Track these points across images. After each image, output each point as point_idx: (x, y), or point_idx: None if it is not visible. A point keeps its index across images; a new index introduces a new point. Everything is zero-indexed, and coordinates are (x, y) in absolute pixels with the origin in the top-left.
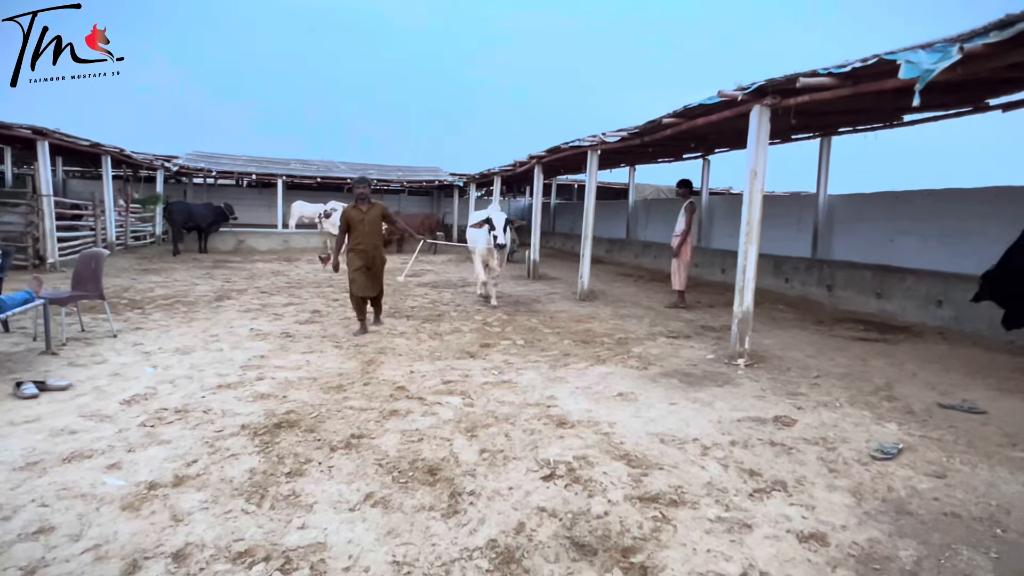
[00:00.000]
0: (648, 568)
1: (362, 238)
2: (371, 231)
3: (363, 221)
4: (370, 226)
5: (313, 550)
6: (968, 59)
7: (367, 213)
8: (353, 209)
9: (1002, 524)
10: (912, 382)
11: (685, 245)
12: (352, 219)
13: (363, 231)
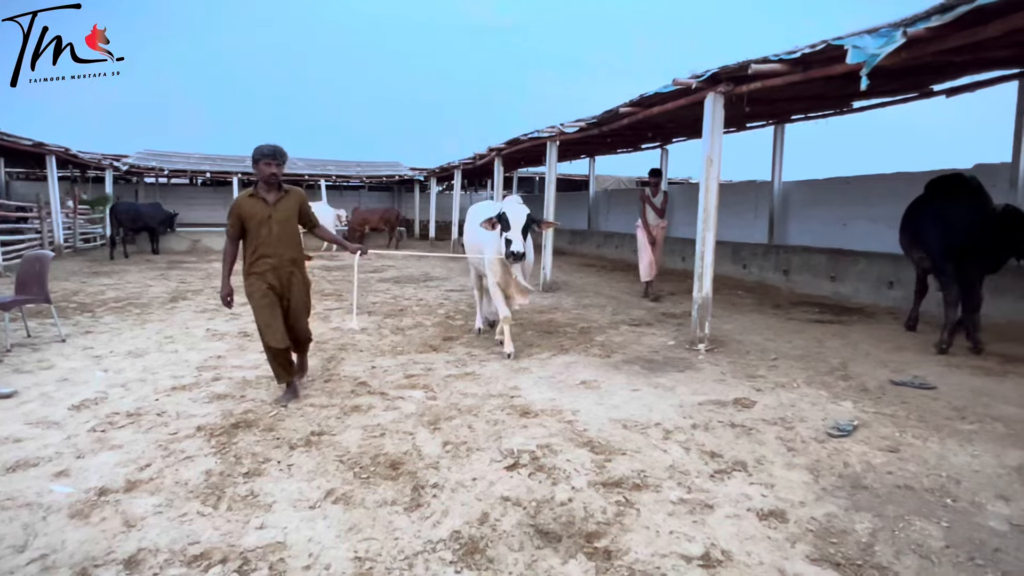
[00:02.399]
0: (612, 552)
1: (268, 247)
2: (283, 234)
3: (269, 220)
4: (281, 227)
5: (272, 550)
6: (912, 43)
7: (276, 206)
8: (251, 200)
9: (952, 494)
10: (866, 361)
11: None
12: (248, 215)
13: (269, 235)
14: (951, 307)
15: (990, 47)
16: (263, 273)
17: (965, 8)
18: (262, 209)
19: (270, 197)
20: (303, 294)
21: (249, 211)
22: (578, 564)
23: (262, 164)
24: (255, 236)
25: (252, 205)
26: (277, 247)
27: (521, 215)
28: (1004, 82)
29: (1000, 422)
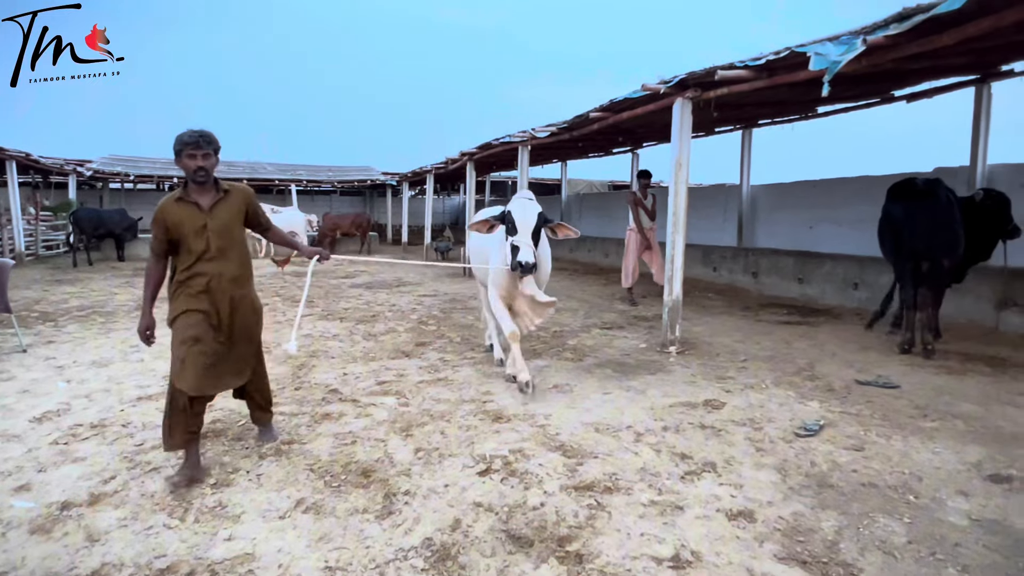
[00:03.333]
0: (583, 555)
1: (204, 264)
2: (224, 247)
3: (204, 230)
4: (221, 237)
5: (241, 561)
6: (871, 51)
7: (212, 212)
8: (178, 205)
9: (914, 491)
10: (832, 361)
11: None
12: (176, 225)
13: (206, 250)
14: (909, 308)
15: (947, 55)
16: (196, 295)
17: (921, 17)
18: (194, 216)
19: (204, 200)
20: (251, 324)
21: (176, 219)
22: (550, 569)
23: (185, 157)
24: (187, 251)
25: (180, 212)
26: (217, 264)
27: (530, 215)
28: (962, 88)
29: (960, 419)
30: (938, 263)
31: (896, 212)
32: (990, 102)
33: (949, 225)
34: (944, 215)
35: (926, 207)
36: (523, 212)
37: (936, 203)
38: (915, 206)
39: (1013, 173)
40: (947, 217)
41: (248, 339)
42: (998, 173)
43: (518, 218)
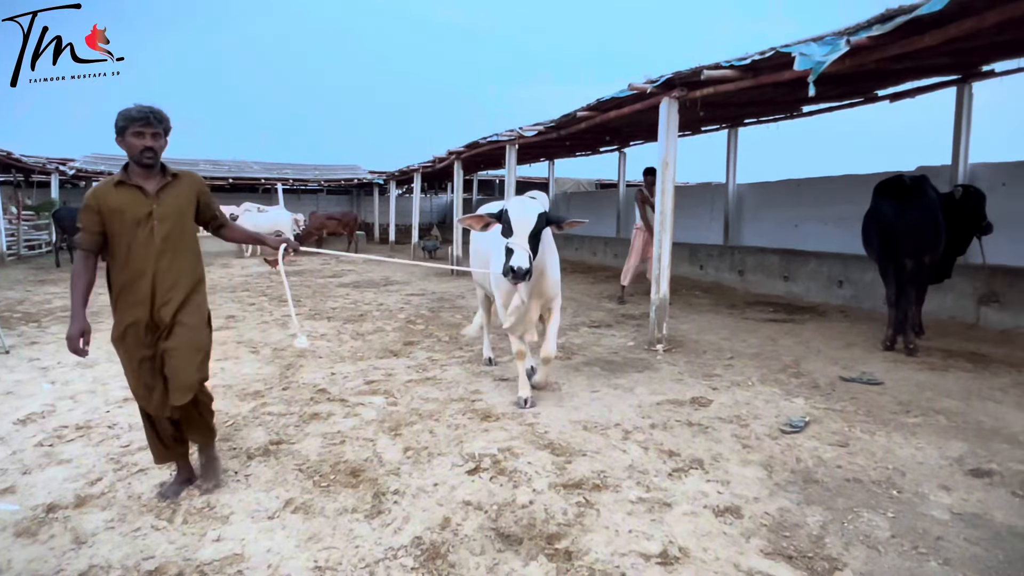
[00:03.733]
0: (572, 553)
1: (147, 262)
2: (172, 241)
3: (149, 219)
4: (169, 229)
5: (230, 562)
6: (855, 51)
7: (160, 197)
8: (118, 190)
9: (897, 485)
10: (817, 358)
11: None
12: (113, 213)
13: (149, 243)
14: (891, 307)
15: (929, 55)
16: (137, 303)
17: (903, 18)
18: (137, 202)
19: (149, 185)
20: (195, 327)
21: (115, 206)
22: (539, 566)
23: (131, 135)
24: (126, 245)
25: (120, 198)
26: (162, 261)
27: (529, 215)
28: (944, 88)
29: (942, 415)
30: (921, 261)
31: (884, 210)
32: (971, 102)
33: (934, 223)
34: (930, 213)
35: (913, 205)
36: (522, 211)
37: (923, 201)
38: (902, 204)
39: (994, 172)
40: (932, 215)
41: (190, 345)
42: (979, 172)
43: (515, 217)
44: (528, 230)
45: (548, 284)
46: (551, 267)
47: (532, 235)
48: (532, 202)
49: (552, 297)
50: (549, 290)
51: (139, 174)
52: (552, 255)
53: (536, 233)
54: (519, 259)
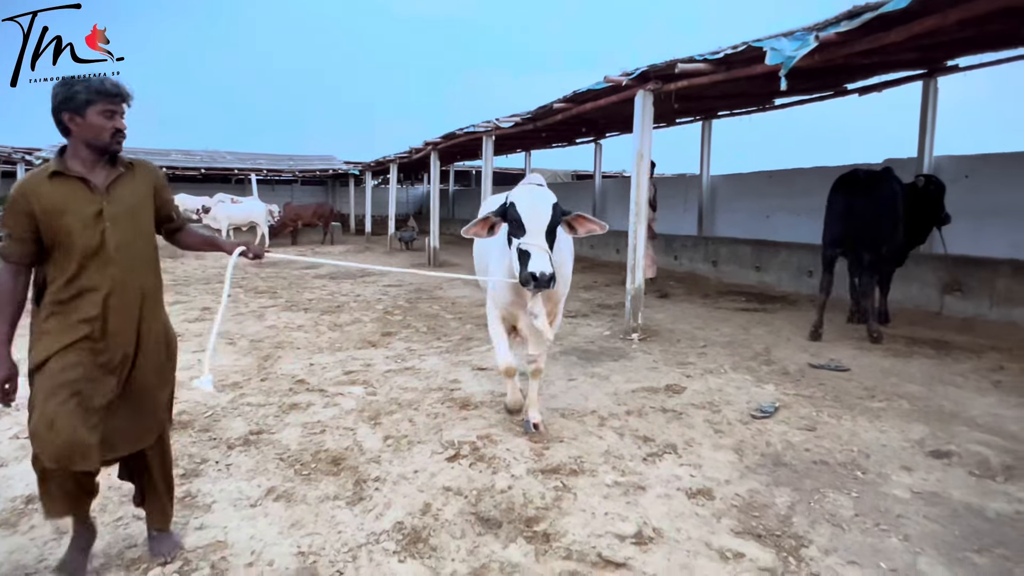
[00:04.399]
0: (550, 535)
1: (98, 272)
2: (128, 245)
3: (99, 219)
4: (124, 231)
5: (213, 549)
6: (823, 47)
7: (111, 193)
8: (56, 184)
9: (862, 467)
10: (787, 346)
11: None
12: (51, 214)
13: (100, 249)
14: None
15: (896, 51)
16: (80, 323)
17: (870, 15)
18: (82, 199)
19: (96, 177)
20: (162, 365)
21: (52, 205)
22: (518, 548)
23: (97, 114)
24: (68, 253)
25: (58, 193)
26: (117, 270)
27: (542, 207)
28: (910, 82)
29: (905, 399)
30: (877, 252)
31: (837, 203)
32: (936, 96)
33: (888, 215)
34: (885, 206)
35: (868, 198)
36: (532, 203)
37: (877, 194)
38: (858, 197)
39: (957, 164)
40: (886, 208)
41: (158, 385)
42: (943, 164)
43: (526, 212)
44: (544, 225)
45: (560, 290)
46: (565, 268)
47: (549, 231)
48: (541, 190)
49: (559, 301)
50: (558, 294)
51: (84, 163)
52: (567, 251)
53: (553, 227)
54: (539, 262)
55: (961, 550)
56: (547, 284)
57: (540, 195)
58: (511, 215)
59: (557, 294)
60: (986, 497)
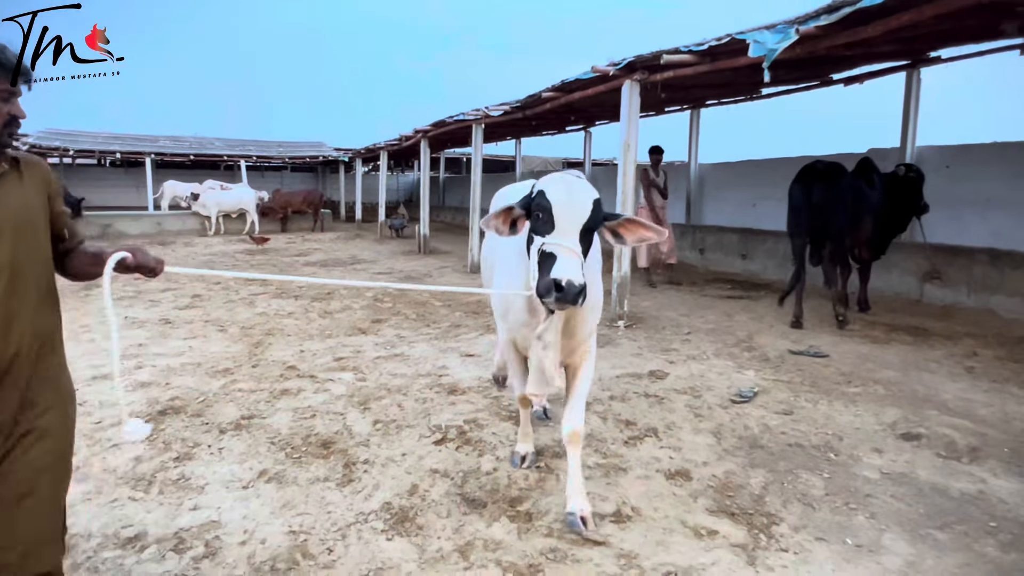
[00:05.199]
0: (532, 514)
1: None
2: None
3: None
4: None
5: (207, 529)
6: (804, 39)
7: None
8: None
9: (835, 449)
10: (770, 333)
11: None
12: None
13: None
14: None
15: (877, 43)
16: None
17: (848, 10)
18: None
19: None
20: (58, 431)
21: None
22: (501, 526)
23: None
24: None
25: None
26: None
27: (581, 201)
28: (894, 72)
29: (881, 385)
30: (840, 242)
31: (796, 194)
32: (919, 87)
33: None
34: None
35: (825, 189)
36: (567, 193)
37: (835, 185)
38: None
39: (939, 154)
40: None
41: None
42: (926, 154)
43: (558, 202)
44: (580, 222)
45: (587, 314)
46: (596, 287)
47: (584, 232)
48: (580, 181)
49: (587, 335)
50: (587, 324)
51: None
52: (597, 268)
53: (591, 229)
54: (567, 267)
55: (924, 527)
56: (574, 299)
57: (578, 186)
58: (537, 205)
59: (584, 321)
60: (951, 477)
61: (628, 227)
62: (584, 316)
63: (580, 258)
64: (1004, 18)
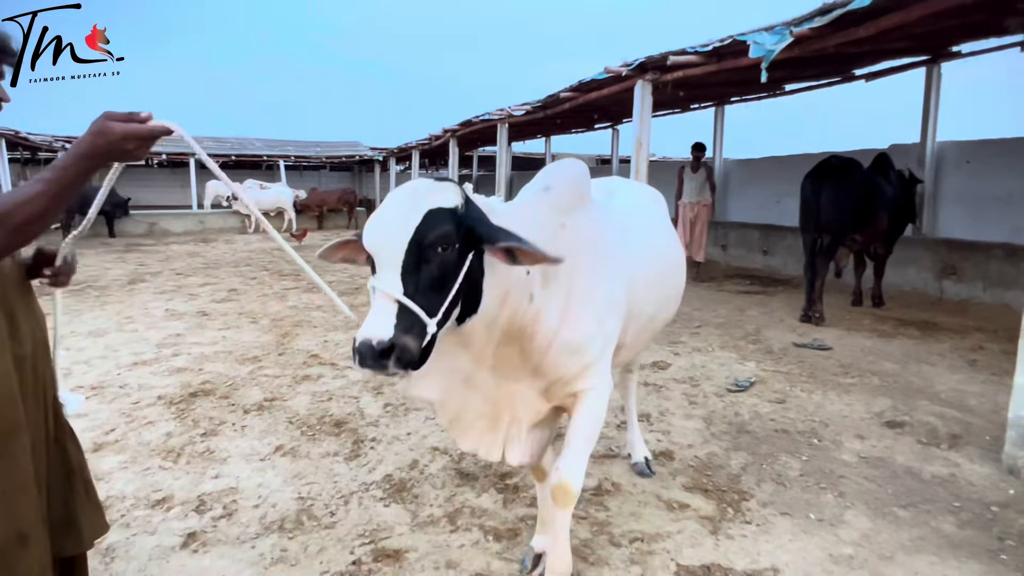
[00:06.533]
0: (519, 487)
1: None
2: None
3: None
4: None
5: (226, 494)
6: (799, 41)
7: None
8: None
9: (819, 435)
10: (778, 327)
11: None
12: None
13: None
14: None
15: (886, 40)
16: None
17: (839, 12)
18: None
19: None
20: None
21: None
22: (489, 496)
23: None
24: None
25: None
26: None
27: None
28: (914, 68)
29: (877, 376)
30: (838, 238)
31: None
32: (940, 82)
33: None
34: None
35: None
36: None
37: (848, 182)
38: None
39: (959, 149)
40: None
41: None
42: (946, 149)
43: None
44: (397, 252)
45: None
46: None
47: (416, 263)
48: (422, 184)
49: (567, 376)
50: (553, 359)
51: None
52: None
53: (426, 256)
54: (370, 323)
55: (889, 505)
56: (373, 363)
57: (402, 196)
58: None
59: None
60: (927, 461)
61: (519, 253)
62: (544, 349)
63: (394, 303)
64: (1006, 15)
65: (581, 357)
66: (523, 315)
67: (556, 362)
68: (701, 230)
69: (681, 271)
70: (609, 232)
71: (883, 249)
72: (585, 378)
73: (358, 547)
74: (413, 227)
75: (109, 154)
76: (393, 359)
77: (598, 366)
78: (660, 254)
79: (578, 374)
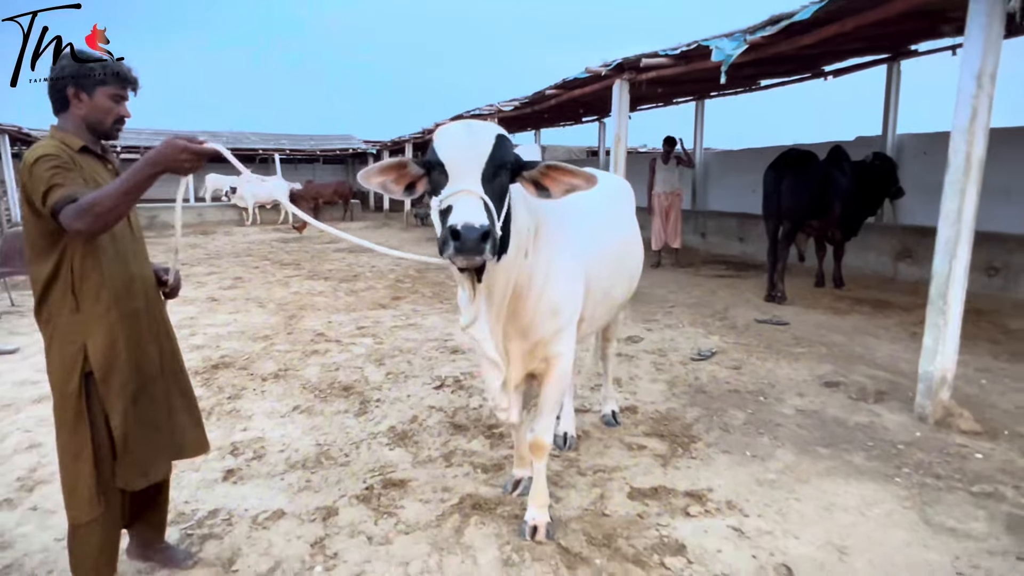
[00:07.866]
0: (504, 435)
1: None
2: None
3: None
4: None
5: (255, 442)
6: (754, 47)
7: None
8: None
9: (765, 394)
10: (745, 306)
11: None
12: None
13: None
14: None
15: (839, 42)
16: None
17: (785, 23)
18: (107, 180)
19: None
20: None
21: (92, 178)
22: (479, 442)
23: (108, 96)
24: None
25: (92, 169)
26: (144, 264)
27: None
28: (878, 65)
29: (825, 346)
30: (796, 223)
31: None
32: (899, 78)
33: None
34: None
35: (796, 176)
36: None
37: (804, 173)
38: (787, 175)
39: (917, 142)
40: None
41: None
42: (905, 141)
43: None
44: (479, 163)
45: (537, 305)
46: (556, 284)
47: (490, 175)
48: (480, 122)
49: (548, 336)
50: (541, 319)
51: (93, 142)
52: (562, 256)
53: (494, 171)
54: (463, 212)
55: (813, 445)
56: (475, 245)
57: (475, 124)
58: (430, 158)
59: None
60: (853, 413)
61: (552, 175)
62: (534, 307)
63: (482, 199)
64: (940, 23)
65: (557, 318)
66: (521, 272)
67: (541, 322)
68: (676, 218)
69: (637, 253)
70: (573, 214)
71: (839, 235)
72: (557, 342)
73: (370, 478)
74: (490, 145)
75: (169, 163)
76: (489, 243)
77: (568, 330)
78: (616, 237)
79: (553, 336)
